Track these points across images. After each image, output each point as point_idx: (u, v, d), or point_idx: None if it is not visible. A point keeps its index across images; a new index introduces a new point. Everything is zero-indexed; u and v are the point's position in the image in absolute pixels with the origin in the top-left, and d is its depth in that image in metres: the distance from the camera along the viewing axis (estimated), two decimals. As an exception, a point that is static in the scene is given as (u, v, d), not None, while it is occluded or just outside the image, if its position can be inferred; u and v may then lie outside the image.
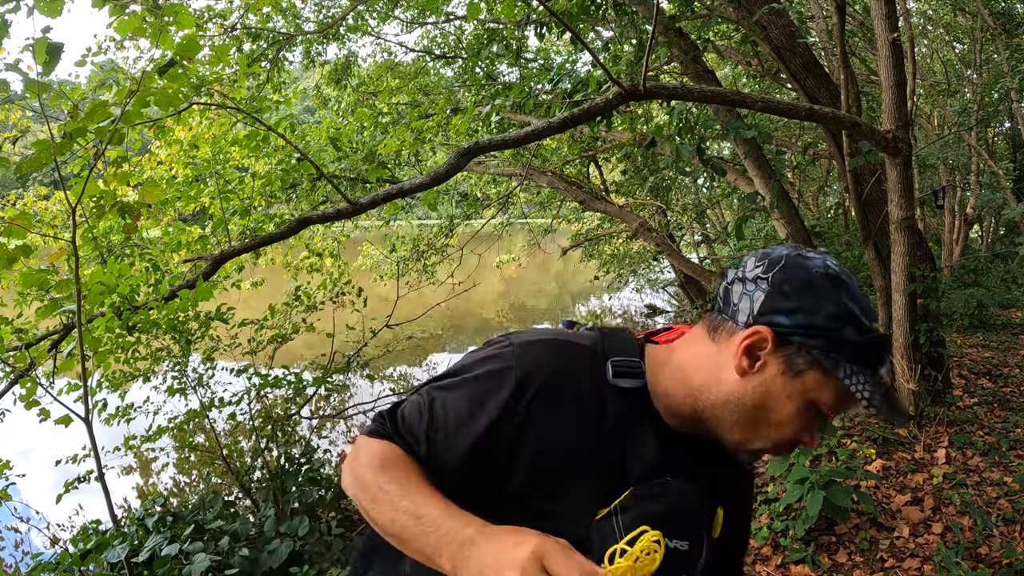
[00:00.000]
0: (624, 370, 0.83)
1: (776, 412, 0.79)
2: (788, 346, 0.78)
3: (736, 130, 3.28)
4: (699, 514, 0.83)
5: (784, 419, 0.79)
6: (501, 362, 0.82)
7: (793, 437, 0.80)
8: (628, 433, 0.81)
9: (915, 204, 3.85)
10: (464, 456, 0.80)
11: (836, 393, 0.78)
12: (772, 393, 0.79)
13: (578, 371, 0.83)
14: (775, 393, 0.78)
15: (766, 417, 0.79)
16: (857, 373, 0.76)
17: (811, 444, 0.81)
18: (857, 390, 0.76)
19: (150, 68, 2.38)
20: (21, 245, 2.40)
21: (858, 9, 6.73)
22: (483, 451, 0.79)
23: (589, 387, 0.82)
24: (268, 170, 5.67)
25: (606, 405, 0.81)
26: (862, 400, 0.76)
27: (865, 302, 0.80)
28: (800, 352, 0.77)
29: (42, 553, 3.99)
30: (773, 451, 0.83)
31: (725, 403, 0.81)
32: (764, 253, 0.82)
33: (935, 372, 3.98)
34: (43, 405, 2.56)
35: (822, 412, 0.80)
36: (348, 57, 8.66)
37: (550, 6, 3.33)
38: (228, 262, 4.01)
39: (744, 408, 0.80)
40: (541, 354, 0.83)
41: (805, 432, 0.80)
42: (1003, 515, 3.08)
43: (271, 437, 4.53)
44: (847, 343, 0.77)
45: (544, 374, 0.81)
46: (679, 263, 5.90)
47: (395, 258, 8.75)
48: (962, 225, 9.72)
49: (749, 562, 3.04)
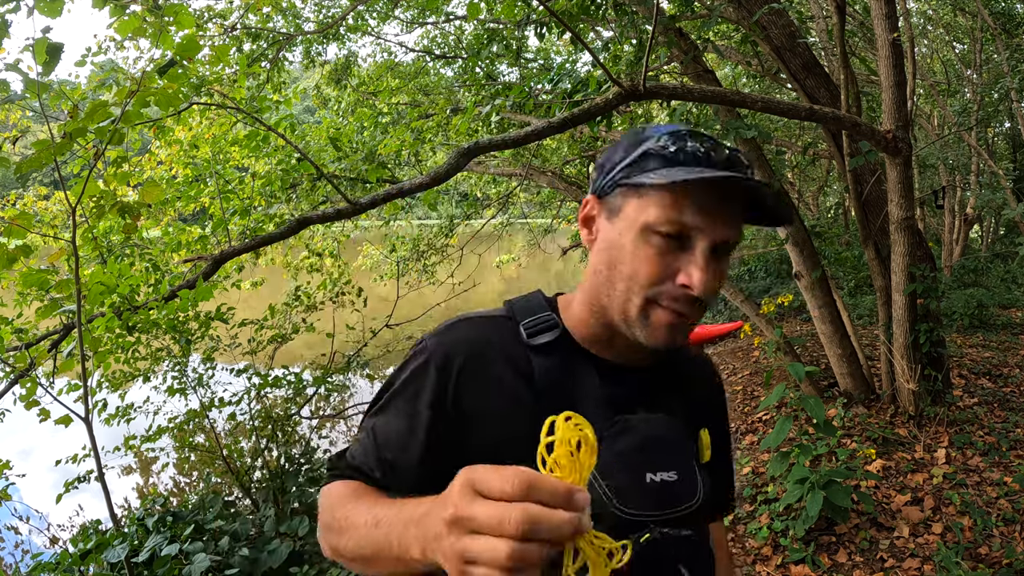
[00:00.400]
0: (538, 327, 0.82)
1: (623, 259, 0.75)
2: (605, 197, 0.78)
3: (736, 130, 3.28)
4: (676, 442, 0.80)
5: (633, 259, 0.74)
6: (417, 360, 0.81)
7: (659, 276, 0.73)
8: (564, 386, 0.79)
9: (915, 204, 3.85)
10: (420, 462, 0.78)
11: (656, 203, 0.72)
12: (612, 243, 0.76)
13: (494, 340, 0.81)
14: (613, 242, 0.76)
15: (621, 270, 0.75)
16: (662, 167, 0.72)
17: (692, 282, 0.71)
18: (660, 176, 0.70)
19: (150, 68, 2.38)
20: (21, 245, 2.39)
21: (858, 9, 6.73)
22: (435, 452, 0.77)
23: (511, 353, 0.80)
24: (268, 170, 5.67)
25: (531, 367, 0.79)
26: (665, 179, 0.69)
27: (689, 131, 0.75)
28: (613, 193, 0.77)
29: (42, 553, 3.99)
30: (663, 312, 0.74)
31: (594, 282, 0.79)
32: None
33: (935, 372, 3.98)
34: (43, 405, 2.56)
35: (684, 239, 0.72)
36: (348, 57, 8.66)
37: (550, 6, 3.33)
38: (228, 262, 4.00)
39: (603, 274, 0.77)
40: (453, 335, 0.82)
41: (672, 266, 0.73)
42: (1003, 515, 3.08)
43: (271, 437, 4.54)
44: (647, 156, 0.74)
45: (462, 349, 0.80)
46: (679, 263, 5.90)
47: (395, 258, 8.74)
48: (962, 225, 9.72)
49: (749, 562, 3.04)
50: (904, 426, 4.02)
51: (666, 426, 0.80)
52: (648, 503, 0.74)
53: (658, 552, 0.74)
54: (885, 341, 4.12)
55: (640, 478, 0.75)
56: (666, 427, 0.80)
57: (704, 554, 0.80)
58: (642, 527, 0.73)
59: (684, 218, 0.71)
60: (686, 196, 0.72)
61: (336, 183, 5.57)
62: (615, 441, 0.76)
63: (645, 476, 0.75)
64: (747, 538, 3.22)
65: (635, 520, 0.73)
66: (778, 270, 10.26)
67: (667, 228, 0.72)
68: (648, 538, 0.73)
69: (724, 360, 7.12)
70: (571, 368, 0.80)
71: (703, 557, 0.80)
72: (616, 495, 0.73)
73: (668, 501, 0.76)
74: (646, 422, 0.79)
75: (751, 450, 4.36)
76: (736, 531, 3.30)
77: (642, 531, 0.73)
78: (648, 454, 0.77)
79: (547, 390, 0.78)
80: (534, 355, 0.80)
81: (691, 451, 0.82)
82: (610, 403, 0.79)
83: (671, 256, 0.73)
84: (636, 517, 0.73)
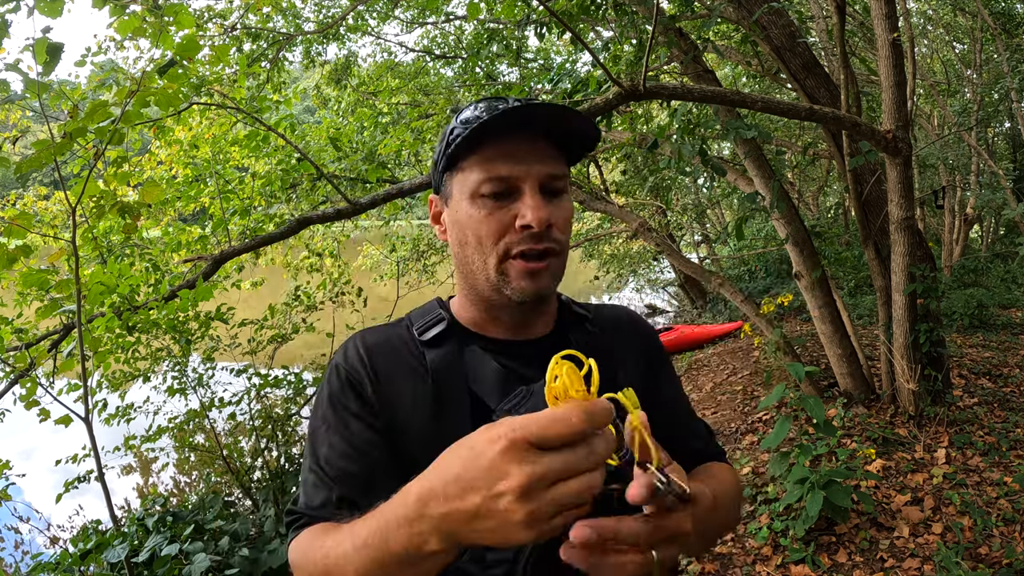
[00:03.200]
0: (427, 324, 0.86)
1: (466, 231, 0.79)
2: (441, 189, 0.85)
3: (736, 130, 3.28)
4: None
5: (473, 227, 0.78)
6: (329, 377, 0.84)
7: (500, 230, 0.77)
8: (457, 369, 0.81)
9: (915, 204, 3.85)
10: (373, 469, 0.78)
11: (472, 170, 0.78)
12: (454, 223, 0.82)
13: (394, 342, 0.85)
14: (454, 222, 0.82)
15: (469, 242, 0.79)
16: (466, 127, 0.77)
17: (529, 219, 0.75)
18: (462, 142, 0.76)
19: (150, 68, 2.38)
20: (21, 245, 2.40)
21: (858, 9, 6.72)
22: (380, 460, 0.78)
23: (408, 351, 0.84)
24: (268, 170, 5.67)
25: (425, 361, 0.82)
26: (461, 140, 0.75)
27: (481, 99, 0.81)
28: (444, 183, 0.84)
29: (42, 553, 3.99)
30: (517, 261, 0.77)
31: (458, 267, 0.85)
32: None
33: (935, 372, 3.98)
34: (43, 405, 2.56)
35: (510, 192, 0.77)
36: (348, 57, 8.66)
37: (550, 6, 3.33)
38: (228, 262, 4.01)
39: (459, 255, 0.82)
40: (356, 344, 0.85)
41: (508, 218, 0.77)
42: (1003, 515, 3.08)
43: (271, 437, 4.54)
44: (453, 139, 0.78)
45: (365, 351, 0.83)
46: (679, 263, 5.90)
47: (395, 258, 8.75)
48: (962, 225, 9.71)
49: (749, 562, 3.04)
50: (904, 426, 4.02)
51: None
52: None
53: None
54: (885, 341, 4.12)
55: None
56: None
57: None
58: None
59: (498, 172, 0.76)
60: (492, 154, 0.77)
61: (336, 183, 5.57)
62: (518, 410, 0.77)
63: None
64: (747, 538, 3.22)
65: None
66: (778, 270, 10.26)
67: (488, 187, 0.77)
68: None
69: (724, 360, 7.12)
70: (462, 352, 0.83)
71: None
72: None
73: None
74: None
75: (751, 450, 4.36)
76: (736, 531, 3.30)
77: None
78: None
79: (441, 376, 0.81)
80: (426, 349, 0.83)
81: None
82: (508, 378, 0.81)
83: (504, 210, 0.77)
84: None
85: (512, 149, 0.77)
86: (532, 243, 0.77)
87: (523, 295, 0.79)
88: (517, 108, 0.74)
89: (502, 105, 0.77)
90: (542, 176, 0.78)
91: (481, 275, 0.80)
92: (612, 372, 0.87)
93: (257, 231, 5.18)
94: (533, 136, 0.78)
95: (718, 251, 12.47)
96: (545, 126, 0.78)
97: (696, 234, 12.69)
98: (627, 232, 7.81)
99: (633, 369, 0.90)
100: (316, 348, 7.19)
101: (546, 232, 0.77)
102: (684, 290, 11.67)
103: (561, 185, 0.80)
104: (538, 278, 0.78)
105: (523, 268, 0.77)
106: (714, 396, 5.89)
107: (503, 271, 0.78)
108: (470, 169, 0.78)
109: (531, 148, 0.78)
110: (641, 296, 14.42)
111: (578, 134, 0.80)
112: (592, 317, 0.93)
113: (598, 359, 0.85)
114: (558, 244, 0.79)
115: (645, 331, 0.98)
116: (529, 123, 0.77)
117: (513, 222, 0.77)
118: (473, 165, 0.78)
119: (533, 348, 0.85)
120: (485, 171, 0.77)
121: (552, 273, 0.80)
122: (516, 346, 0.85)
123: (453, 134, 0.79)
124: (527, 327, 0.86)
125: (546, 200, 0.78)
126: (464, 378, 0.80)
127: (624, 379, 0.87)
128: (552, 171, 0.78)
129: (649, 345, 0.97)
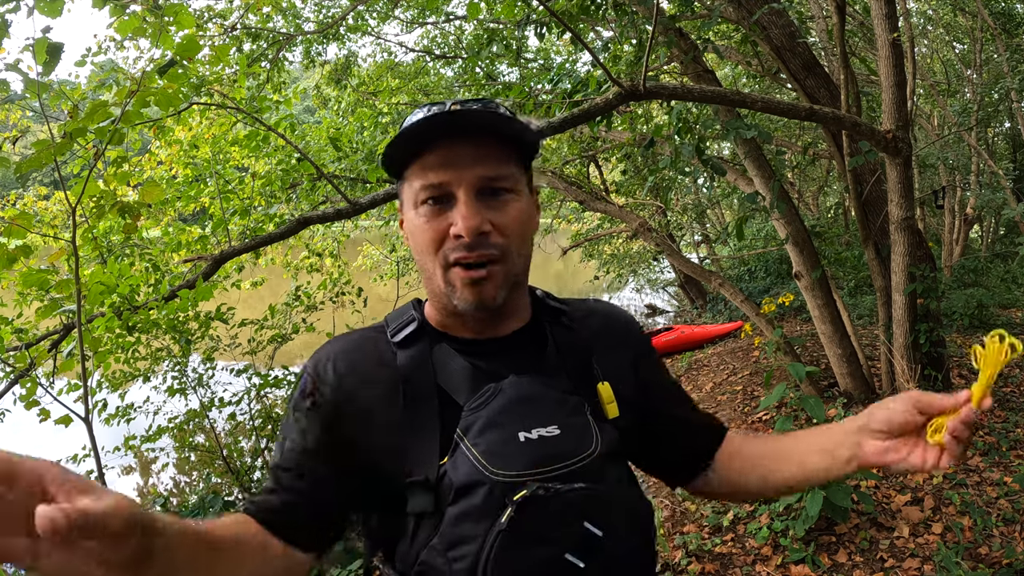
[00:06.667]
0: (400, 326, 0.86)
1: (415, 240, 0.81)
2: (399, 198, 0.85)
3: (736, 130, 3.28)
4: (547, 398, 0.79)
5: (417, 235, 0.79)
6: (298, 386, 0.84)
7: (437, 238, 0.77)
8: (426, 368, 0.81)
9: (915, 204, 3.85)
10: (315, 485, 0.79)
11: (413, 178, 0.78)
12: (407, 232, 0.83)
13: (365, 346, 0.85)
14: (407, 231, 0.83)
15: (418, 250, 0.81)
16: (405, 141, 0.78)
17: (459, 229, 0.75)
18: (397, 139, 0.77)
19: (150, 68, 2.37)
20: (21, 245, 2.40)
21: (858, 9, 6.73)
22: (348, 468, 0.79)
23: (381, 352, 0.83)
24: (268, 170, 5.67)
25: (397, 362, 0.82)
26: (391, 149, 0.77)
27: (422, 105, 0.81)
28: (399, 189, 0.84)
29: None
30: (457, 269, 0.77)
31: (419, 270, 0.85)
32: None
33: (935, 372, 3.98)
34: (43, 405, 2.56)
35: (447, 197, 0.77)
36: (348, 57, 8.66)
37: (550, 6, 3.33)
38: (228, 262, 4.00)
39: (417, 261, 0.83)
40: (325, 351, 0.85)
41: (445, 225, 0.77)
42: (1003, 515, 3.08)
43: (271, 437, 4.54)
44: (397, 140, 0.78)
45: (333, 361, 0.83)
46: (679, 263, 5.90)
47: (395, 258, 8.75)
48: (962, 225, 9.72)
49: (749, 562, 3.04)
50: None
51: (539, 383, 0.80)
52: (522, 461, 0.72)
53: (549, 508, 0.71)
54: (885, 341, 4.12)
55: (512, 437, 0.74)
56: (539, 384, 0.80)
57: (622, 508, 0.77)
58: (520, 488, 0.71)
59: (433, 178, 0.76)
60: (429, 161, 0.76)
61: (336, 183, 5.57)
62: (486, 408, 0.76)
63: (519, 435, 0.74)
64: (747, 538, 3.22)
65: (510, 481, 0.71)
66: (778, 270, 10.26)
67: (425, 194, 0.77)
68: (524, 494, 0.70)
69: (724, 360, 7.12)
70: (431, 352, 0.83)
71: (621, 512, 0.77)
72: (488, 459, 0.72)
73: (549, 456, 0.74)
74: (514, 384, 0.79)
75: (751, 450, 4.36)
76: (736, 531, 3.30)
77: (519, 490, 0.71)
78: (520, 413, 0.76)
79: (411, 375, 0.80)
80: (398, 349, 0.83)
81: (577, 405, 0.80)
82: (476, 376, 0.80)
83: (441, 218, 0.77)
84: (511, 478, 0.71)
85: (449, 154, 0.76)
86: (465, 252, 0.76)
87: (468, 305, 0.78)
88: (440, 115, 0.74)
89: (437, 109, 0.77)
90: (477, 180, 0.76)
91: (433, 284, 0.81)
92: (589, 366, 0.86)
93: (257, 231, 5.18)
94: (476, 139, 0.77)
95: (718, 251, 12.46)
96: (485, 129, 0.77)
97: (696, 234, 12.68)
98: (627, 232, 7.81)
99: (611, 365, 0.88)
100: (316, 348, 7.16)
101: (480, 239, 0.75)
102: (684, 290, 11.67)
103: (506, 185, 0.78)
104: (481, 287, 0.77)
105: (463, 276, 0.77)
106: (714, 396, 5.89)
107: (448, 280, 0.78)
108: (412, 177, 0.79)
109: (471, 151, 0.76)
110: (641, 296, 14.43)
111: (517, 137, 0.80)
112: (569, 311, 0.92)
113: (576, 353, 0.87)
114: (498, 249, 0.77)
115: (626, 325, 0.96)
116: (465, 127, 0.77)
117: (448, 229, 0.76)
118: (414, 172, 0.78)
119: (502, 344, 0.85)
120: (423, 178, 0.77)
121: (498, 282, 0.78)
122: (485, 344, 0.84)
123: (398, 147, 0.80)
124: (495, 327, 0.85)
125: (484, 204, 0.76)
126: (433, 376, 0.80)
127: (601, 373, 0.86)
128: (491, 173, 0.77)
129: (630, 335, 0.95)
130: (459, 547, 0.70)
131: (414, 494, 0.74)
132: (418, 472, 0.74)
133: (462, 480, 0.72)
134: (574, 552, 0.71)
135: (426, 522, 0.73)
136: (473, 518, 0.70)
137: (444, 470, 0.73)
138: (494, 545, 0.69)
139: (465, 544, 0.70)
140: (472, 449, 0.73)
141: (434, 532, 0.72)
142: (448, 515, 0.72)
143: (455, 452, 0.74)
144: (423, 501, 0.73)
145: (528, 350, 0.85)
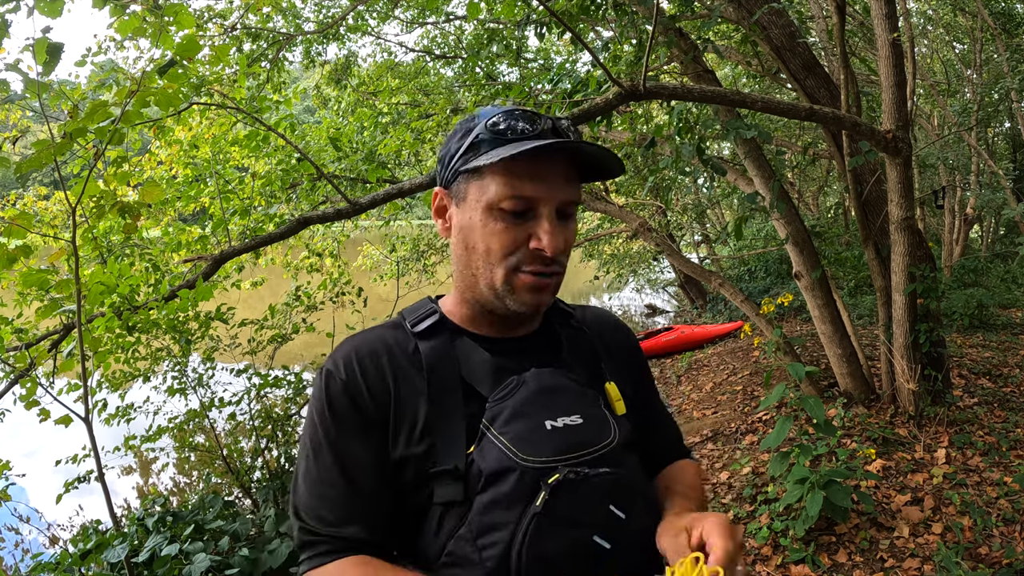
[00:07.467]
0: (419, 317, 0.87)
1: (476, 238, 0.80)
2: (451, 186, 0.84)
3: (736, 130, 3.28)
4: (569, 389, 0.82)
5: (485, 237, 0.79)
6: (318, 386, 0.83)
7: (512, 247, 0.79)
8: (450, 360, 0.82)
9: (915, 204, 3.85)
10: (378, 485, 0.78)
11: (495, 182, 0.78)
12: (464, 227, 0.82)
13: (386, 339, 0.85)
14: (464, 225, 0.82)
15: (477, 249, 0.80)
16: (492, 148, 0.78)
17: (543, 245, 0.77)
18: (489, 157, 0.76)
19: (150, 68, 2.37)
20: (21, 245, 2.39)
21: (858, 9, 6.72)
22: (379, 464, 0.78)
23: (402, 344, 0.84)
24: (268, 170, 5.67)
25: (418, 353, 0.83)
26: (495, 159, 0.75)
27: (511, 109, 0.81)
28: (456, 182, 0.83)
29: (42, 553, 3.99)
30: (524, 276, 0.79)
31: (457, 267, 0.85)
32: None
33: (935, 372, 3.98)
34: (43, 405, 2.56)
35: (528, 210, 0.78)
36: (348, 57, 8.66)
37: (550, 6, 3.33)
38: (228, 262, 4.00)
39: (463, 257, 0.83)
40: (343, 348, 0.85)
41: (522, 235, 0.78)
42: (1003, 515, 3.08)
43: (271, 437, 4.54)
44: (477, 141, 0.79)
45: (357, 356, 0.83)
46: (679, 263, 5.90)
47: (395, 258, 8.75)
48: (962, 225, 9.71)
49: (749, 562, 3.04)
50: (904, 426, 4.01)
51: (561, 376, 0.84)
52: (551, 448, 0.75)
53: (579, 493, 0.74)
54: (885, 341, 4.12)
55: (539, 425, 0.77)
56: (561, 376, 0.83)
57: (639, 494, 0.81)
58: (552, 472, 0.74)
59: (522, 191, 0.77)
60: (519, 170, 0.77)
61: (336, 183, 5.57)
62: (511, 398, 0.78)
63: (545, 423, 0.77)
64: (747, 538, 3.22)
65: (542, 467, 0.74)
66: (778, 270, 10.26)
67: (509, 204, 0.77)
68: (557, 478, 0.73)
69: (724, 360, 7.12)
70: (454, 344, 0.84)
71: (638, 497, 0.80)
72: (517, 446, 0.74)
73: (576, 444, 0.77)
74: (537, 376, 0.82)
75: (751, 450, 4.36)
76: (736, 531, 3.30)
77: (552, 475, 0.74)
78: (545, 403, 0.79)
79: (436, 366, 0.82)
80: (419, 340, 0.84)
81: (594, 398, 0.84)
82: (500, 370, 0.82)
83: (519, 227, 0.78)
84: (541, 464, 0.74)
85: (540, 169, 0.78)
86: (541, 265, 0.79)
87: (525, 308, 0.81)
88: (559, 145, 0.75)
89: (536, 125, 0.79)
90: (560, 201, 0.79)
91: (484, 282, 0.82)
92: (598, 367, 0.90)
93: (257, 231, 5.18)
94: (571, 162, 0.81)
95: (718, 251, 12.46)
96: (578, 158, 0.81)
97: (696, 234, 12.68)
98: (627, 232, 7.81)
99: (615, 367, 0.93)
100: (316, 348, 7.19)
101: (555, 256, 0.79)
102: (684, 290, 11.66)
103: (572, 211, 0.82)
104: (542, 294, 0.81)
105: (529, 283, 0.80)
106: (714, 396, 5.88)
107: (509, 282, 0.80)
108: (492, 179, 0.78)
109: (563, 172, 0.80)
110: (641, 296, 14.43)
111: (603, 169, 0.83)
112: (576, 315, 0.96)
113: (584, 355, 0.90)
114: (561, 266, 0.82)
115: (626, 333, 1.03)
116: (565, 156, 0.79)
117: (526, 241, 0.79)
118: (497, 176, 0.78)
119: (521, 344, 0.88)
120: (510, 187, 0.77)
121: (553, 291, 0.83)
122: (504, 342, 0.87)
123: (478, 137, 0.80)
124: (515, 328, 0.88)
125: (560, 224, 0.80)
126: (457, 367, 0.82)
127: (608, 375, 0.90)
128: (570, 197, 0.80)
129: (630, 347, 1.01)
130: (490, 534, 0.72)
131: (441, 484, 0.75)
132: (445, 461, 0.75)
133: (492, 467, 0.73)
134: (601, 534, 0.73)
135: (453, 512, 0.74)
136: (503, 505, 0.72)
137: (472, 459, 0.75)
138: (528, 529, 0.71)
139: (496, 531, 0.71)
140: (500, 437, 0.75)
141: (461, 521, 0.73)
142: (477, 503, 0.73)
143: (482, 441, 0.76)
144: (451, 490, 0.74)
145: (545, 349, 0.88)
